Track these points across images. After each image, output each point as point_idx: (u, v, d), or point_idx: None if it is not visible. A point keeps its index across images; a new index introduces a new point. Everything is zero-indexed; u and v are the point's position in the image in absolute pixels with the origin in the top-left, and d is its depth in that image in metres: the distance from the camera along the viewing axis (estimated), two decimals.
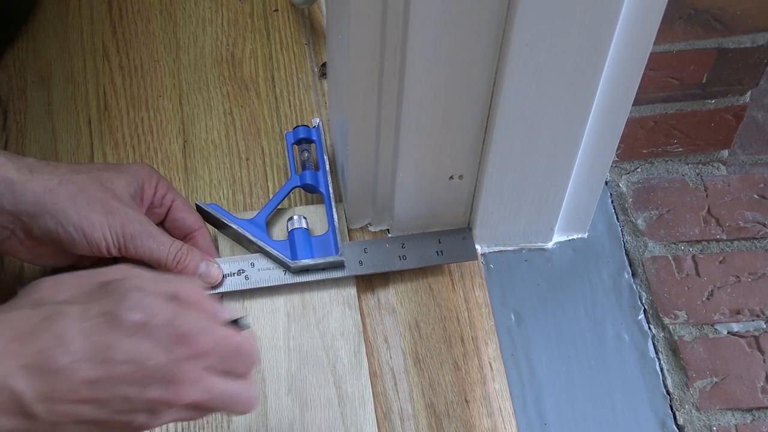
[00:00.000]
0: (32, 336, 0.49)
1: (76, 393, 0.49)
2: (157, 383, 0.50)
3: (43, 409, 0.48)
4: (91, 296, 0.51)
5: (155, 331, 0.50)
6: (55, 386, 0.48)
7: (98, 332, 0.49)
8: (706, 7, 0.76)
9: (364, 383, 0.72)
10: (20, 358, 0.48)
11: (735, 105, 0.86)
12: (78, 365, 0.49)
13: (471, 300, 0.78)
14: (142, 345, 0.50)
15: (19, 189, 0.65)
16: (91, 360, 0.49)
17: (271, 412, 0.70)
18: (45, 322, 0.49)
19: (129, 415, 0.51)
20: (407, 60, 0.62)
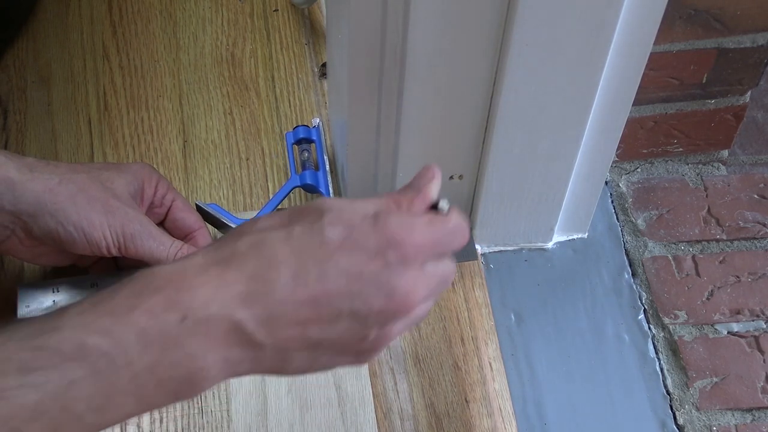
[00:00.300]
0: (242, 264, 0.47)
1: (297, 314, 0.47)
2: (378, 292, 0.48)
3: (267, 335, 0.47)
4: (291, 220, 0.49)
5: (362, 239, 0.48)
6: (274, 310, 0.47)
7: (306, 250, 0.47)
8: (706, 7, 0.76)
9: (364, 383, 0.72)
10: (235, 287, 0.46)
11: (735, 105, 0.86)
12: (293, 285, 0.47)
13: (471, 300, 0.78)
14: (352, 256, 0.47)
15: (19, 188, 0.65)
16: (305, 278, 0.47)
17: (271, 412, 0.70)
18: (252, 249, 0.48)
19: (359, 331, 0.48)
20: (407, 60, 0.62)
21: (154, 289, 0.46)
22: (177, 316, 0.45)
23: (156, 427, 0.71)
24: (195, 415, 0.71)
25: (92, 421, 0.44)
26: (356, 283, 0.47)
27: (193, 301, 0.46)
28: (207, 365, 0.46)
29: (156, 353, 0.45)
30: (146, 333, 0.45)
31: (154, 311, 0.45)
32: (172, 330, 0.45)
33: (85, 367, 0.43)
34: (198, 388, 0.47)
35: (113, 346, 0.44)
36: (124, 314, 0.45)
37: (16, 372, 0.43)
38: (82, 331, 0.44)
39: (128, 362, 0.44)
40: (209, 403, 0.72)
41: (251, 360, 0.48)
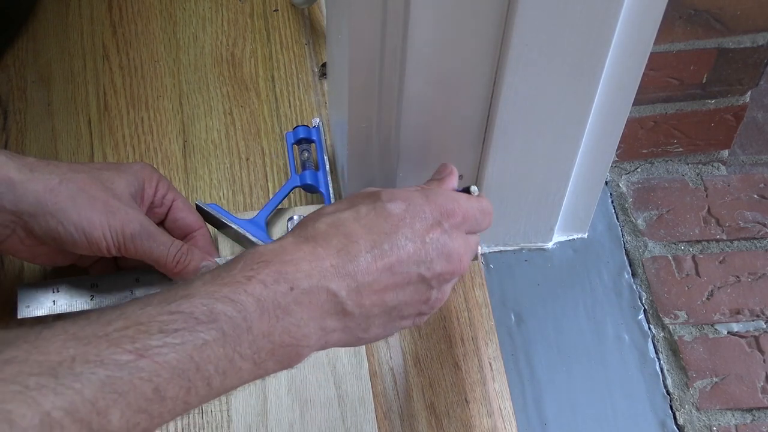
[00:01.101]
0: (328, 241, 0.53)
1: (378, 281, 0.54)
2: (440, 256, 0.56)
3: (355, 303, 0.53)
4: (354, 202, 0.57)
5: (420, 212, 0.56)
6: (360, 280, 0.53)
7: (376, 225, 0.55)
8: (706, 7, 0.76)
9: (364, 383, 0.72)
10: (327, 261, 0.53)
11: (735, 105, 0.86)
12: (372, 256, 0.54)
13: (471, 300, 0.78)
14: (414, 225, 0.55)
15: (19, 188, 0.65)
16: (380, 249, 0.54)
17: (271, 412, 0.70)
18: (332, 228, 0.54)
19: (425, 293, 0.56)
20: (407, 60, 0.62)
21: (263, 262, 0.51)
22: (286, 286, 0.51)
23: None
24: (195, 415, 0.71)
25: (217, 384, 0.48)
26: (422, 249, 0.55)
27: (297, 272, 0.51)
28: (309, 333, 0.51)
29: (271, 320, 0.50)
30: (262, 301, 0.50)
31: (267, 282, 0.50)
32: (282, 299, 0.50)
33: (214, 329, 0.47)
34: (300, 357, 0.52)
35: (237, 312, 0.48)
36: (242, 284, 0.50)
37: (158, 333, 0.46)
38: (210, 298, 0.48)
39: (249, 327, 0.49)
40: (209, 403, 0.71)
41: (342, 329, 0.54)
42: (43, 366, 0.42)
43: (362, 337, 0.55)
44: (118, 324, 0.46)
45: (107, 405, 0.43)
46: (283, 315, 0.50)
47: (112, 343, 0.44)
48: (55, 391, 0.41)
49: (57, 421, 0.41)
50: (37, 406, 0.41)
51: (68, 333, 0.45)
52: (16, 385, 0.41)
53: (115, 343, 0.45)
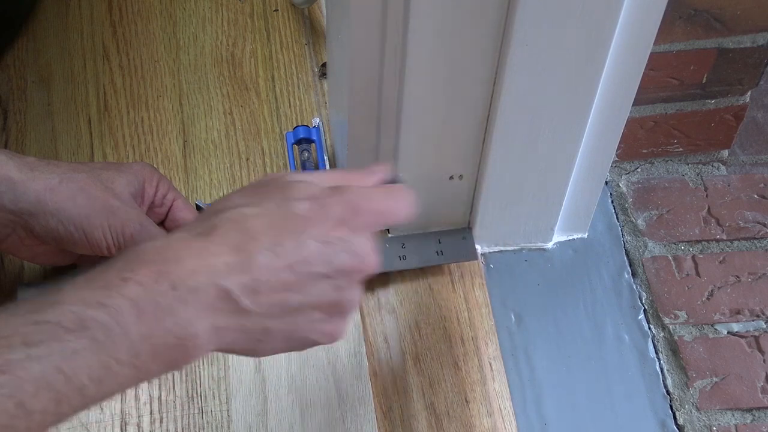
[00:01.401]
0: (224, 237, 0.50)
1: (278, 280, 0.51)
2: (346, 255, 0.53)
3: (252, 302, 0.50)
4: (261, 195, 0.54)
5: (327, 209, 0.53)
6: (258, 277, 0.50)
7: (280, 222, 0.52)
8: (706, 7, 0.76)
9: (364, 383, 0.72)
10: (220, 257, 0.49)
11: (735, 105, 0.86)
12: (274, 254, 0.51)
13: (471, 300, 0.78)
14: (321, 224, 0.53)
15: (20, 188, 0.65)
16: (282, 247, 0.51)
17: (271, 412, 0.70)
18: (231, 223, 0.51)
19: (332, 294, 0.53)
20: (407, 60, 0.62)
21: (142, 262, 0.48)
22: (167, 285, 0.47)
23: (156, 427, 0.71)
24: (195, 415, 0.71)
25: (93, 392, 0.46)
26: (327, 248, 0.52)
27: (181, 270, 0.48)
28: (197, 332, 0.48)
29: (150, 322, 0.47)
30: (139, 303, 0.47)
31: (145, 282, 0.47)
32: (163, 299, 0.47)
33: (85, 338, 0.45)
34: (190, 357, 0.49)
35: (110, 317, 0.46)
36: (117, 287, 0.47)
37: (20, 345, 0.44)
38: (80, 304, 0.46)
39: (124, 332, 0.46)
40: (209, 403, 0.72)
41: (237, 328, 0.50)
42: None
43: (262, 340, 0.52)
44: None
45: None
46: (164, 316, 0.47)
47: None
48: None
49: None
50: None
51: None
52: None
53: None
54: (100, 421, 0.71)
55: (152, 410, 0.71)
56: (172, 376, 0.73)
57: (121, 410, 0.71)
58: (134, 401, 0.72)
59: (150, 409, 0.71)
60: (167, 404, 0.72)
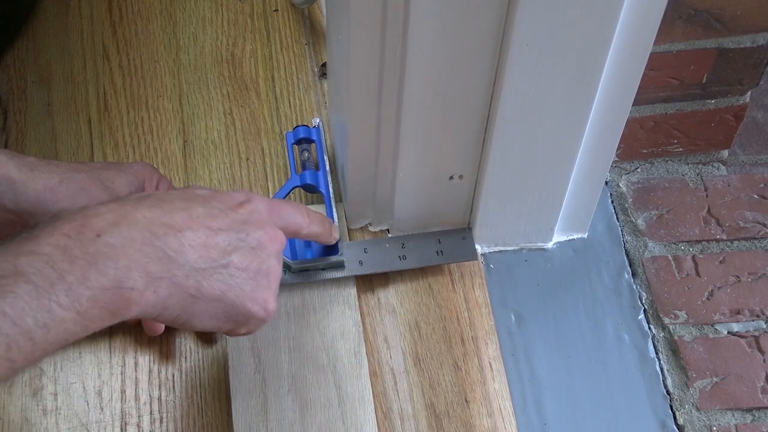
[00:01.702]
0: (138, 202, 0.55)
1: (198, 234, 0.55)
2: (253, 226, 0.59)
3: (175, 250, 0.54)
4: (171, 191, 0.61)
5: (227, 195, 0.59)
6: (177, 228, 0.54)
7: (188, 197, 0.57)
8: (706, 7, 0.76)
9: (364, 383, 0.72)
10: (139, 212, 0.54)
11: (735, 105, 0.86)
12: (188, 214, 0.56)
13: (471, 300, 0.78)
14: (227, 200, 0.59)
15: (20, 187, 0.65)
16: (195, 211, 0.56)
17: (271, 412, 0.70)
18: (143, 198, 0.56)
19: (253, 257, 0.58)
20: (407, 60, 0.62)
21: (64, 219, 0.51)
22: (92, 234, 0.51)
23: (156, 427, 0.71)
24: (195, 415, 0.71)
25: (40, 338, 0.47)
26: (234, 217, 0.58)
27: (102, 222, 0.52)
28: (131, 275, 0.51)
29: (83, 266, 0.49)
30: (68, 250, 0.49)
31: (70, 233, 0.50)
32: (90, 246, 0.50)
33: (22, 282, 0.47)
34: (129, 302, 0.52)
35: (44, 263, 0.48)
36: (44, 238, 0.49)
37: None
38: (12, 255, 0.48)
39: (60, 276, 0.48)
40: (209, 403, 0.72)
41: (169, 276, 0.53)
42: None
43: (196, 295, 0.55)
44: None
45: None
46: (95, 259, 0.50)
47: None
48: None
49: None
50: None
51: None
52: None
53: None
54: (100, 421, 0.71)
55: (152, 410, 0.71)
56: (172, 376, 0.73)
57: (121, 410, 0.71)
58: (134, 401, 0.72)
59: (150, 409, 0.71)
60: (167, 404, 0.72)
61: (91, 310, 0.49)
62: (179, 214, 0.55)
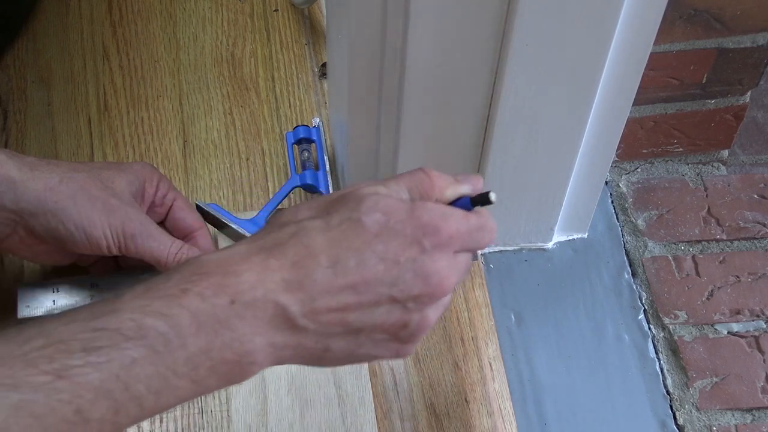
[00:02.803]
0: (284, 252, 0.49)
1: (337, 300, 0.49)
2: (416, 278, 0.50)
3: (310, 320, 0.48)
4: (329, 209, 0.51)
5: (399, 227, 0.50)
6: (315, 296, 0.48)
7: (345, 239, 0.49)
8: (706, 7, 0.76)
9: (364, 383, 0.72)
10: (278, 273, 0.48)
11: (735, 105, 0.86)
12: (333, 272, 0.49)
13: (471, 300, 0.78)
14: (390, 243, 0.49)
15: (20, 187, 0.65)
16: (343, 265, 0.49)
17: (271, 412, 0.70)
18: (292, 238, 0.49)
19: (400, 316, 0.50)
20: (407, 60, 0.62)
21: (202, 274, 0.47)
22: (226, 299, 0.47)
23: (156, 427, 0.71)
24: (195, 415, 0.71)
25: (150, 404, 0.45)
26: (394, 269, 0.49)
27: (239, 285, 0.47)
28: (255, 349, 0.48)
29: (209, 335, 0.46)
30: (198, 315, 0.46)
31: (205, 295, 0.47)
32: (221, 313, 0.47)
33: (144, 347, 0.44)
34: (247, 373, 0.48)
35: (169, 327, 0.45)
36: (177, 297, 0.46)
37: (80, 351, 0.43)
38: (140, 313, 0.45)
39: (183, 344, 0.45)
40: (209, 403, 0.72)
41: (295, 346, 0.49)
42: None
43: (323, 357, 0.51)
44: (37, 342, 0.43)
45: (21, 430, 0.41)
46: (223, 330, 0.46)
47: (28, 364, 0.42)
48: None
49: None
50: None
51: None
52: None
53: (32, 363, 0.42)
54: None
55: None
56: None
57: None
58: None
59: None
60: None
61: (207, 379, 0.47)
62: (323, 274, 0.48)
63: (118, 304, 0.46)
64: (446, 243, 0.51)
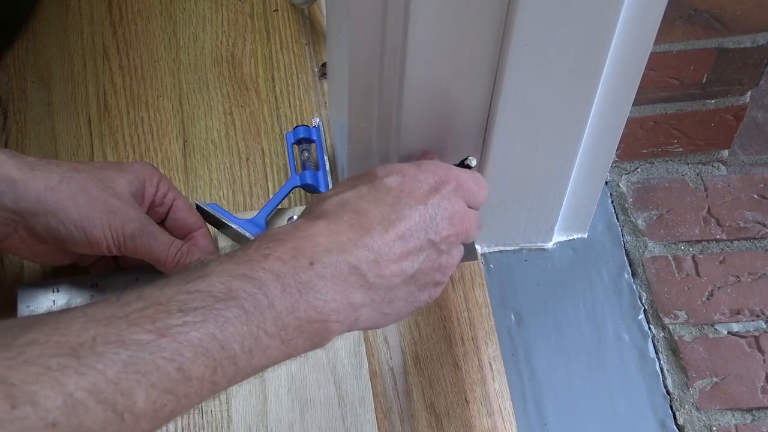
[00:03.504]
0: (338, 217, 0.55)
1: (393, 251, 0.55)
2: (443, 220, 0.57)
3: (376, 275, 0.54)
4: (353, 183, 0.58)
5: (416, 181, 0.58)
6: (376, 251, 0.54)
7: (379, 200, 0.56)
8: (706, 7, 0.76)
9: (364, 383, 0.72)
10: (343, 235, 0.53)
11: (735, 105, 0.86)
12: (383, 226, 0.55)
13: (471, 300, 0.78)
14: (413, 194, 0.57)
15: (20, 187, 0.65)
16: (389, 219, 0.55)
17: (271, 412, 0.70)
18: (339, 207, 0.56)
19: (437, 258, 0.57)
20: (407, 60, 0.62)
21: (279, 241, 0.52)
22: (306, 261, 0.51)
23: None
24: (195, 415, 0.71)
25: (244, 363, 0.48)
26: (425, 215, 0.57)
27: (315, 247, 0.52)
28: (336, 308, 0.52)
29: (293, 295, 0.50)
30: (282, 277, 0.50)
31: (285, 258, 0.50)
32: (303, 274, 0.50)
33: (235, 306, 0.47)
34: (330, 333, 0.52)
35: (257, 289, 0.48)
36: (259, 261, 0.50)
37: (177, 311, 0.46)
38: (228, 276, 0.48)
39: (271, 303, 0.49)
40: (209, 403, 0.72)
41: (369, 303, 0.54)
42: (64, 347, 0.42)
43: (388, 312, 0.56)
44: (137, 305, 0.45)
45: (131, 386, 0.42)
46: (306, 290, 0.50)
47: (132, 324, 0.44)
48: (77, 371, 0.41)
49: (81, 402, 0.41)
50: (60, 387, 0.40)
51: (87, 315, 0.44)
52: (38, 366, 0.41)
53: (135, 323, 0.44)
54: None
55: None
56: None
57: None
58: None
59: None
60: None
61: (295, 339, 0.50)
62: (376, 230, 0.54)
63: (207, 270, 0.49)
64: (456, 189, 0.59)
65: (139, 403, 0.43)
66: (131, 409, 0.42)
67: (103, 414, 0.41)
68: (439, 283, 0.59)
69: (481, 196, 0.62)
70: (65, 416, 0.40)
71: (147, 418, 0.43)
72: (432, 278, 0.58)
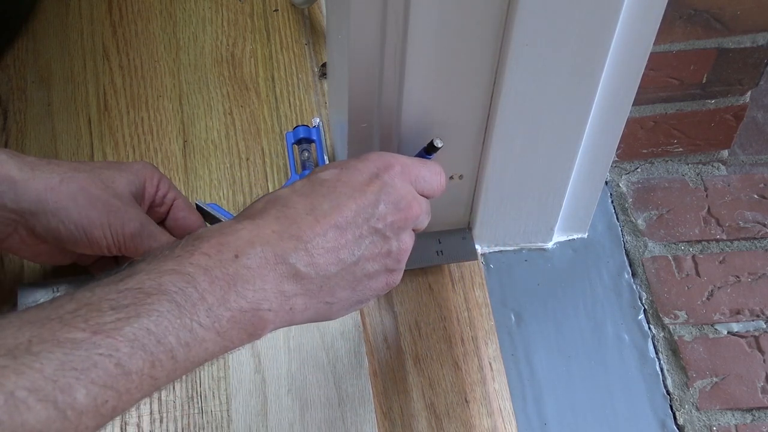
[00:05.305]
0: (266, 213, 0.55)
1: (326, 240, 0.55)
2: (387, 205, 0.57)
3: (306, 264, 0.54)
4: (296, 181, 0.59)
5: (354, 170, 0.58)
6: (306, 241, 0.54)
7: (312, 192, 0.56)
8: (706, 7, 0.76)
9: (364, 383, 0.72)
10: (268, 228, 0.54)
11: (735, 105, 0.86)
12: (314, 216, 0.55)
13: (471, 300, 0.78)
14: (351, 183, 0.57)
15: (20, 187, 0.65)
16: (320, 209, 0.55)
17: (271, 412, 0.70)
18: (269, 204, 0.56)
19: (384, 245, 0.57)
20: (407, 60, 0.62)
21: (203, 239, 0.52)
22: (230, 254, 0.51)
23: (156, 427, 0.71)
24: (195, 415, 0.71)
25: (182, 357, 0.48)
26: (363, 202, 0.56)
27: (238, 241, 0.52)
28: (267, 296, 0.52)
29: (222, 287, 0.50)
30: (210, 270, 0.50)
31: (210, 253, 0.51)
32: (229, 267, 0.51)
33: (166, 300, 0.48)
34: (266, 323, 0.52)
35: (186, 282, 0.49)
36: (186, 257, 0.51)
37: (109, 309, 0.46)
38: (156, 273, 0.49)
39: (201, 296, 0.49)
40: (209, 403, 0.72)
41: (303, 293, 0.54)
42: (1, 349, 0.43)
43: (331, 301, 0.56)
44: (69, 306, 0.46)
45: (69, 383, 0.43)
46: (234, 281, 0.51)
47: (65, 324, 0.45)
48: (15, 371, 0.42)
49: (22, 401, 0.41)
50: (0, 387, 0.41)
51: (22, 319, 0.45)
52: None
53: (68, 323, 0.45)
54: None
55: (152, 410, 0.71)
56: None
57: None
58: None
59: (150, 409, 0.71)
60: (167, 404, 0.72)
61: (230, 331, 0.51)
62: (305, 220, 0.55)
63: (136, 268, 0.50)
64: (401, 173, 0.59)
65: (79, 399, 0.43)
66: (72, 405, 0.43)
67: (45, 411, 0.42)
68: (394, 270, 0.59)
69: (434, 183, 0.61)
70: (8, 415, 0.41)
71: (90, 414, 0.44)
72: (383, 264, 0.58)
